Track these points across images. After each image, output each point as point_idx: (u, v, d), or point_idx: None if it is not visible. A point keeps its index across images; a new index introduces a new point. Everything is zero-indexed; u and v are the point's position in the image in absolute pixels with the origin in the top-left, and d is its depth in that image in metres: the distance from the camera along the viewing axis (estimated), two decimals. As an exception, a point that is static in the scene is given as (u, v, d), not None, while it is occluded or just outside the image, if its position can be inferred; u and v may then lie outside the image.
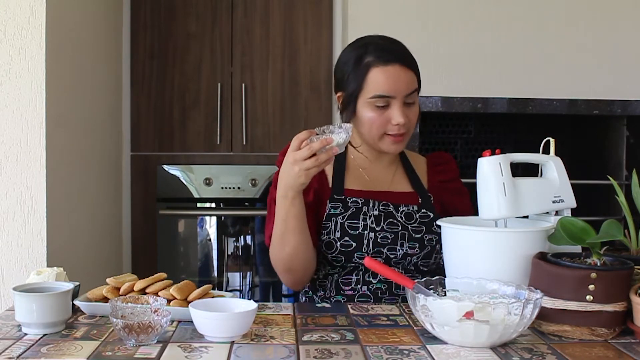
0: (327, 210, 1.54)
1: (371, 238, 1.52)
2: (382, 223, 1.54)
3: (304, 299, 1.65)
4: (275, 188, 1.56)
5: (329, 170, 1.60)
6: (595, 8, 2.81)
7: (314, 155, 1.33)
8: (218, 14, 2.94)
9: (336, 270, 1.56)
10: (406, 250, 1.54)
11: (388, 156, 1.63)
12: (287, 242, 1.46)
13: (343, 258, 1.53)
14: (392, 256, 1.53)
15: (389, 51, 1.52)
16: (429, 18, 2.77)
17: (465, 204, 1.65)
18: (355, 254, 1.52)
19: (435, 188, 1.65)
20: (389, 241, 1.53)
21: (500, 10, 2.79)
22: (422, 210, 1.58)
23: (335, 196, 1.56)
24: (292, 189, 1.39)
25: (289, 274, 1.52)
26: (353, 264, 1.53)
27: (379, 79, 1.49)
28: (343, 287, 1.55)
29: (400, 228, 1.54)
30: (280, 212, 1.44)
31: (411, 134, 1.57)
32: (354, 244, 1.52)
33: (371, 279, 1.54)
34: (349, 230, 1.52)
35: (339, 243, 1.52)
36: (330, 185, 1.58)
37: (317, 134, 1.34)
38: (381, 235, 1.53)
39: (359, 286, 1.54)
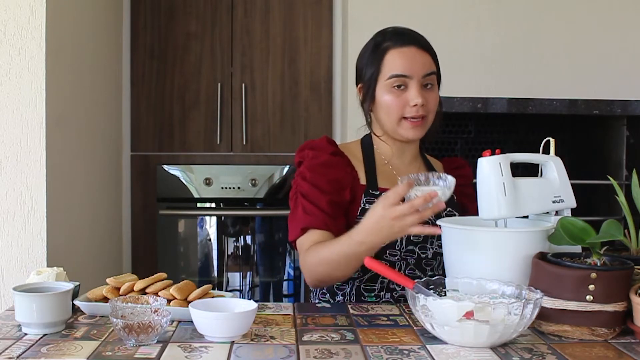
0: (362, 205, 1.51)
1: (404, 235, 1.48)
2: None
3: (317, 301, 1.61)
4: (304, 180, 1.52)
5: (360, 167, 1.58)
6: (595, 8, 2.81)
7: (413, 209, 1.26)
8: (218, 14, 2.94)
9: (357, 273, 1.52)
10: (436, 249, 1.54)
11: (410, 151, 1.61)
12: (339, 271, 1.42)
13: (373, 255, 1.50)
14: (423, 255, 1.53)
15: (405, 34, 1.55)
16: (429, 18, 2.77)
17: (477, 210, 1.64)
18: (387, 251, 1.50)
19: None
20: (421, 239, 1.53)
21: (501, 10, 2.79)
22: (448, 209, 1.58)
23: (370, 191, 1.53)
24: (381, 242, 1.35)
25: (319, 283, 1.49)
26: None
27: (396, 59, 1.51)
28: (365, 293, 1.53)
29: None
30: (347, 250, 1.38)
31: (430, 121, 1.55)
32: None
33: (395, 285, 1.52)
34: None
35: None
36: (362, 182, 1.55)
37: (416, 184, 1.27)
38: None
39: (382, 293, 1.53)
